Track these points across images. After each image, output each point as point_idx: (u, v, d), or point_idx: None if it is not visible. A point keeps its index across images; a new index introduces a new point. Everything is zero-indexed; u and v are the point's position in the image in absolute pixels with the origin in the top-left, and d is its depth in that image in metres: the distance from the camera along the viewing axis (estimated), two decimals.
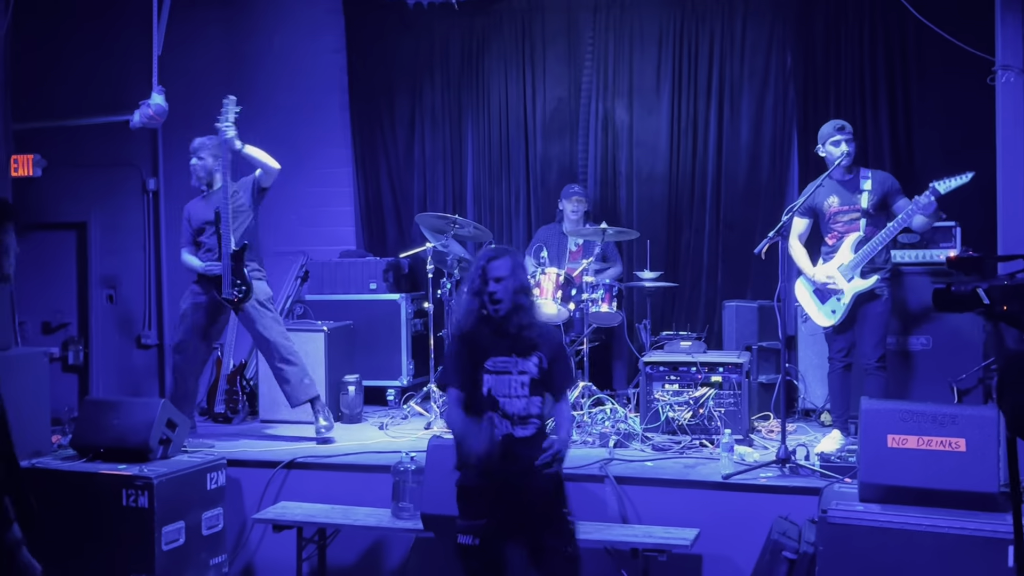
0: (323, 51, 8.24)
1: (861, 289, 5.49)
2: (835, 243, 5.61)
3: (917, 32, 6.68)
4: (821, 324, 5.68)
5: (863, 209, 5.52)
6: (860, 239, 5.51)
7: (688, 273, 7.44)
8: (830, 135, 5.55)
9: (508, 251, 3.90)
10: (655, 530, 4.77)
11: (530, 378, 3.77)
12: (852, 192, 5.57)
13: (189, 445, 5.66)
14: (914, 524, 4.00)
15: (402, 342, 7.31)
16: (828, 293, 5.58)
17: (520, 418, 3.76)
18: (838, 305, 5.55)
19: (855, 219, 5.55)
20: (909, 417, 4.21)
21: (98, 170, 8.56)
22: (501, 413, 3.76)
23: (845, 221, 5.57)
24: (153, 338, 8.56)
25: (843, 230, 5.58)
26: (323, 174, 8.02)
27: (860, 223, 5.53)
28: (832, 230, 5.63)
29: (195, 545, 5.16)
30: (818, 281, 5.59)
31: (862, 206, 5.53)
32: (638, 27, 7.53)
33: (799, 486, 4.87)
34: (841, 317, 5.55)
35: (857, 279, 5.50)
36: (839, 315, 5.55)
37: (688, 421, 5.88)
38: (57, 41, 8.50)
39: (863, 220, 5.53)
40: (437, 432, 6.20)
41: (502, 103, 7.85)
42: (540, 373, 3.79)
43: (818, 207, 5.64)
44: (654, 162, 7.51)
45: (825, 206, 5.61)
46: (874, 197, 5.52)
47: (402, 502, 4.96)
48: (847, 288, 5.51)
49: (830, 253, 5.62)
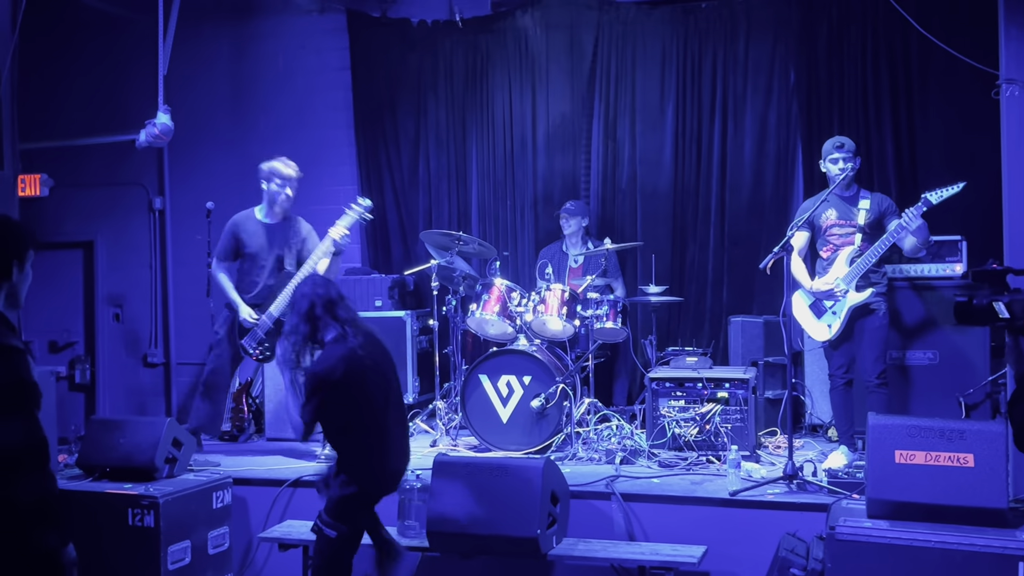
0: (328, 69, 8.28)
1: (856, 302, 5.52)
2: (830, 255, 5.66)
3: (920, 46, 6.70)
4: (818, 338, 5.72)
5: (859, 225, 5.58)
6: (855, 252, 5.55)
7: (693, 288, 7.43)
8: (828, 152, 5.62)
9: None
10: (662, 547, 4.76)
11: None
12: (850, 207, 5.63)
13: (195, 464, 5.66)
14: (922, 540, 3.98)
15: (407, 359, 7.29)
16: (824, 308, 5.62)
17: None
18: (833, 319, 5.58)
19: (851, 233, 5.60)
20: (916, 433, 4.19)
21: (104, 189, 8.60)
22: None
23: (841, 235, 5.63)
24: (160, 356, 8.58)
25: (839, 243, 5.63)
26: (328, 192, 8.03)
27: (856, 237, 5.59)
28: (828, 243, 5.68)
29: (201, 564, 5.15)
30: (818, 290, 5.61)
31: (859, 222, 5.58)
32: (641, 44, 7.56)
33: (806, 502, 4.86)
34: (838, 331, 5.57)
35: (852, 292, 5.53)
36: (835, 329, 5.57)
37: (694, 437, 5.87)
38: (64, 61, 8.56)
39: (859, 235, 5.58)
40: (443, 449, 6.20)
41: (506, 120, 7.88)
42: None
43: (815, 219, 5.69)
44: (658, 178, 7.52)
45: (822, 219, 5.66)
46: (871, 216, 5.58)
47: (408, 520, 4.95)
48: (842, 301, 5.54)
49: (827, 266, 5.66)
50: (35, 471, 2.71)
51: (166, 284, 8.56)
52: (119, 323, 8.74)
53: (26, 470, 2.69)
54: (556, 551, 4.70)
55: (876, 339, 5.57)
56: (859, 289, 5.53)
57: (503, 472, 4.68)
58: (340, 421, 4.35)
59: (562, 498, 4.83)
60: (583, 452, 5.92)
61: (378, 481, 4.45)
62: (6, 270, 2.84)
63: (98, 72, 8.56)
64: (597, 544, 4.83)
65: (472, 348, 7.06)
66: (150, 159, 8.43)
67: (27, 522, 2.67)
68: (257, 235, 6.21)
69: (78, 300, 8.78)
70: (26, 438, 2.70)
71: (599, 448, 5.92)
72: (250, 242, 6.20)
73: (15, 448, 2.68)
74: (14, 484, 2.65)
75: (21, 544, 2.67)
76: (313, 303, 4.41)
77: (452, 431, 6.48)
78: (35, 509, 2.69)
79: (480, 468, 4.77)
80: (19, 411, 2.71)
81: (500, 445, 6.08)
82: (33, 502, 2.68)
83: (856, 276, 5.51)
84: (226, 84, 8.48)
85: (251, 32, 8.44)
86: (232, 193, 6.59)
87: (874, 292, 5.55)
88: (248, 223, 6.26)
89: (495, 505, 4.62)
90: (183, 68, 7.45)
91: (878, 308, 5.58)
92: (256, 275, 6.19)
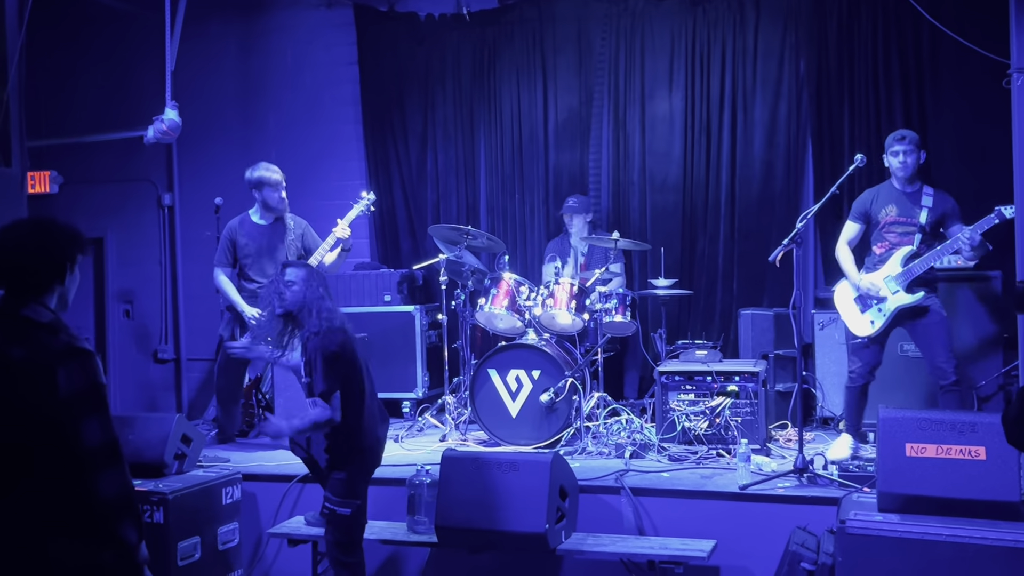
0: (335, 64, 8.27)
1: (905, 303, 5.37)
2: (884, 253, 5.50)
3: (931, 36, 6.65)
4: (858, 333, 5.53)
5: (920, 224, 5.41)
6: (911, 253, 5.40)
7: (703, 281, 7.40)
8: (889, 145, 5.48)
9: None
10: (671, 542, 4.74)
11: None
12: (912, 205, 5.46)
13: (204, 460, 5.67)
14: (934, 534, 3.95)
15: (417, 354, 7.29)
16: (870, 302, 5.47)
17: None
18: (878, 316, 5.44)
19: (910, 232, 5.44)
20: (927, 425, 4.17)
21: (113, 186, 8.62)
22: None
23: (899, 232, 5.46)
24: (170, 352, 8.59)
25: (896, 241, 5.47)
26: (336, 187, 8.03)
27: (915, 237, 5.43)
28: (884, 239, 5.52)
29: (211, 560, 5.15)
30: (862, 288, 5.47)
31: (920, 221, 5.42)
32: (649, 35, 7.52)
33: (817, 496, 4.83)
34: (880, 328, 5.44)
35: (902, 293, 5.38)
36: (878, 326, 5.44)
37: (704, 431, 5.84)
38: (71, 57, 8.58)
39: (918, 235, 5.42)
40: (452, 444, 6.19)
41: (514, 113, 7.85)
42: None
43: (873, 215, 5.54)
44: (667, 170, 7.49)
45: (882, 214, 5.50)
46: (933, 215, 5.42)
47: (417, 515, 4.95)
48: (891, 300, 5.40)
49: (878, 263, 5.51)
50: (115, 468, 2.79)
51: (176, 280, 8.58)
52: (129, 319, 8.76)
53: (107, 468, 2.76)
54: (565, 546, 4.69)
55: (941, 335, 5.37)
56: (911, 291, 5.38)
57: (512, 467, 4.68)
58: (352, 393, 4.45)
59: (571, 493, 4.82)
60: (592, 446, 5.90)
61: (375, 449, 4.62)
62: (60, 273, 2.87)
63: (106, 68, 8.57)
64: (606, 539, 4.82)
65: (481, 342, 7.04)
66: (159, 155, 8.44)
67: (110, 517, 2.76)
68: (254, 237, 6.44)
69: (88, 296, 8.81)
70: (104, 436, 2.77)
71: (608, 442, 5.90)
72: (248, 244, 6.43)
73: (97, 447, 2.75)
74: (97, 482, 2.74)
75: (106, 539, 2.75)
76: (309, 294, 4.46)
77: (461, 426, 6.48)
78: (117, 505, 2.77)
79: (489, 463, 4.76)
80: (97, 411, 2.77)
81: (509, 440, 6.07)
82: (115, 498, 2.77)
83: (909, 279, 5.36)
84: (234, 79, 8.48)
85: (259, 27, 8.44)
86: (241, 188, 6.59)
87: (925, 293, 5.38)
88: (243, 226, 6.49)
89: (504, 500, 4.61)
90: (191, 64, 7.46)
91: (931, 306, 5.40)
92: (256, 275, 6.40)
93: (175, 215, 8.58)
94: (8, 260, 2.84)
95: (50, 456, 2.71)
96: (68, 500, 2.72)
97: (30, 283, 2.82)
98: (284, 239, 6.44)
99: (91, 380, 2.78)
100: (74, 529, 2.72)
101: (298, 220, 6.58)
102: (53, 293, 2.86)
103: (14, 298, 2.82)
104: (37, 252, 2.85)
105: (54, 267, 2.86)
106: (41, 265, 2.84)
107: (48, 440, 2.71)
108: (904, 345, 5.97)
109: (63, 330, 2.81)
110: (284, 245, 6.43)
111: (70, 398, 2.72)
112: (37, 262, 2.84)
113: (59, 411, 2.71)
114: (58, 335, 2.78)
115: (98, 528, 2.75)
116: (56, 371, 2.72)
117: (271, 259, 6.39)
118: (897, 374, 6.02)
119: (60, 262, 2.87)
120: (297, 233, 6.49)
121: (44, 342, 2.76)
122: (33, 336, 2.77)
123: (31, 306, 2.80)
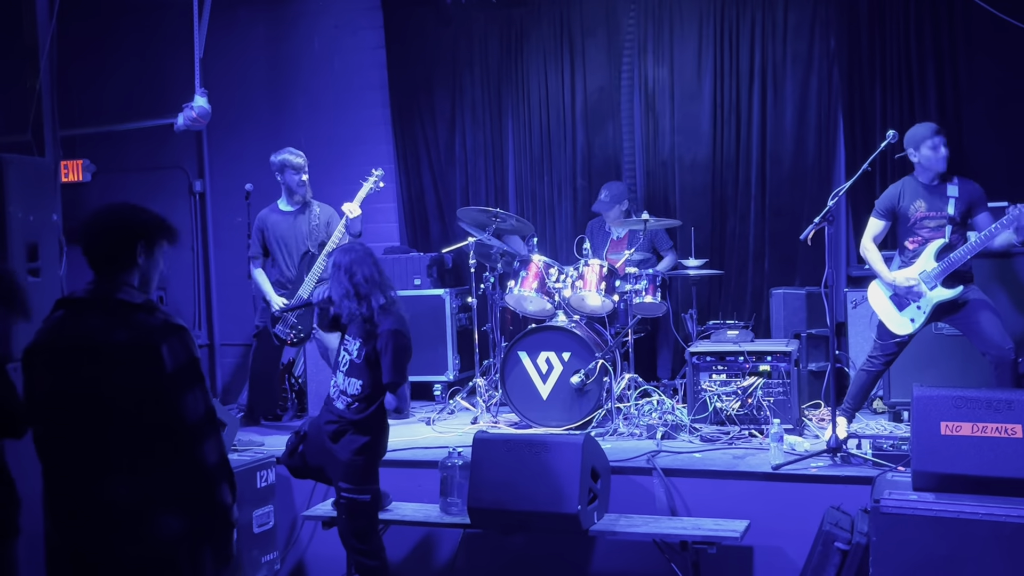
0: (363, 49, 8.27)
1: (944, 298, 5.26)
2: (916, 248, 5.38)
3: (964, 7, 6.53)
4: (897, 332, 5.39)
5: (950, 216, 5.29)
6: (944, 246, 5.27)
7: (734, 261, 7.35)
8: (925, 137, 5.30)
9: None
10: (704, 522, 4.73)
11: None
12: (939, 197, 5.34)
13: (239, 444, 5.72)
14: (970, 513, 3.91)
15: (447, 337, 7.31)
16: (907, 300, 5.35)
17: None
18: (917, 314, 5.33)
19: (941, 225, 5.31)
20: (963, 404, 4.12)
21: (145, 173, 8.68)
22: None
23: (931, 227, 5.33)
24: (203, 338, 8.67)
25: (928, 236, 5.34)
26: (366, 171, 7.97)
27: (946, 230, 5.30)
28: (916, 235, 5.38)
29: (246, 543, 5.21)
30: (899, 285, 5.34)
31: (949, 212, 5.29)
32: (677, 13, 7.44)
33: (851, 475, 4.81)
34: (920, 326, 5.34)
35: (940, 288, 5.26)
36: (918, 324, 5.33)
37: (736, 411, 5.82)
38: (102, 46, 8.63)
39: (949, 227, 5.29)
40: (483, 427, 6.21)
41: (542, 95, 7.82)
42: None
43: (902, 210, 5.41)
44: (697, 149, 7.43)
45: (911, 210, 5.37)
46: (961, 205, 5.30)
47: (450, 497, 4.97)
48: (929, 296, 5.28)
49: (912, 258, 5.38)
50: (215, 435, 2.95)
51: (208, 266, 8.66)
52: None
53: (210, 436, 2.93)
54: (597, 527, 4.70)
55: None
56: (948, 286, 5.25)
57: (543, 448, 4.68)
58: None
59: (603, 474, 4.82)
60: (624, 427, 5.90)
61: (387, 432, 4.69)
62: (131, 255, 2.96)
63: (136, 57, 8.62)
64: (639, 519, 4.82)
65: (511, 325, 7.05)
66: (189, 142, 8.50)
67: (213, 481, 2.92)
68: (281, 225, 6.55)
69: None
70: (206, 406, 2.93)
71: (640, 423, 5.89)
72: (276, 233, 6.54)
73: (200, 418, 2.91)
74: (203, 450, 2.89)
75: (209, 502, 2.91)
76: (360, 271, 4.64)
77: (492, 408, 6.50)
78: (218, 470, 2.94)
79: (520, 444, 4.76)
80: (198, 383, 2.92)
81: (540, 421, 6.08)
82: (216, 463, 2.94)
83: (945, 273, 5.22)
84: (263, 66, 8.51)
85: (287, 13, 8.46)
86: (270, 174, 6.63)
87: (964, 288, 5.26)
88: (271, 216, 6.60)
89: (536, 481, 4.62)
90: (220, 51, 7.49)
91: (971, 295, 5.26)
92: (285, 263, 6.51)
93: (206, 202, 8.66)
94: (99, 244, 2.96)
95: (164, 432, 2.85)
96: (179, 471, 2.86)
97: (121, 266, 2.94)
98: (309, 225, 6.51)
99: (190, 354, 2.91)
100: (184, 498, 2.86)
101: (325, 207, 6.63)
102: (140, 275, 2.98)
103: (106, 283, 2.94)
104: (125, 236, 2.97)
105: (141, 250, 2.98)
106: (129, 248, 2.96)
107: (161, 416, 2.84)
108: (938, 324, 5.89)
109: (157, 308, 2.94)
110: (309, 230, 6.49)
111: (175, 373, 2.85)
112: (125, 245, 2.96)
113: (167, 387, 2.84)
114: (155, 313, 2.91)
115: (201, 494, 2.89)
116: (160, 349, 2.83)
117: (297, 246, 6.48)
118: (931, 352, 5.95)
119: (131, 244, 2.97)
120: (323, 220, 6.55)
121: (145, 322, 2.88)
122: (133, 318, 2.88)
123: (124, 289, 2.93)
